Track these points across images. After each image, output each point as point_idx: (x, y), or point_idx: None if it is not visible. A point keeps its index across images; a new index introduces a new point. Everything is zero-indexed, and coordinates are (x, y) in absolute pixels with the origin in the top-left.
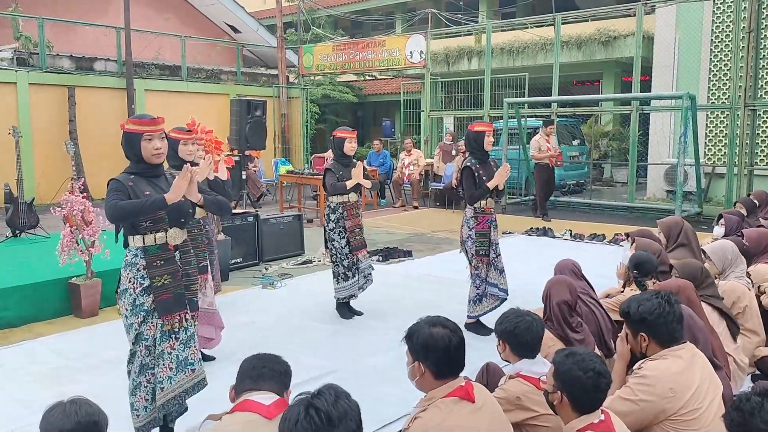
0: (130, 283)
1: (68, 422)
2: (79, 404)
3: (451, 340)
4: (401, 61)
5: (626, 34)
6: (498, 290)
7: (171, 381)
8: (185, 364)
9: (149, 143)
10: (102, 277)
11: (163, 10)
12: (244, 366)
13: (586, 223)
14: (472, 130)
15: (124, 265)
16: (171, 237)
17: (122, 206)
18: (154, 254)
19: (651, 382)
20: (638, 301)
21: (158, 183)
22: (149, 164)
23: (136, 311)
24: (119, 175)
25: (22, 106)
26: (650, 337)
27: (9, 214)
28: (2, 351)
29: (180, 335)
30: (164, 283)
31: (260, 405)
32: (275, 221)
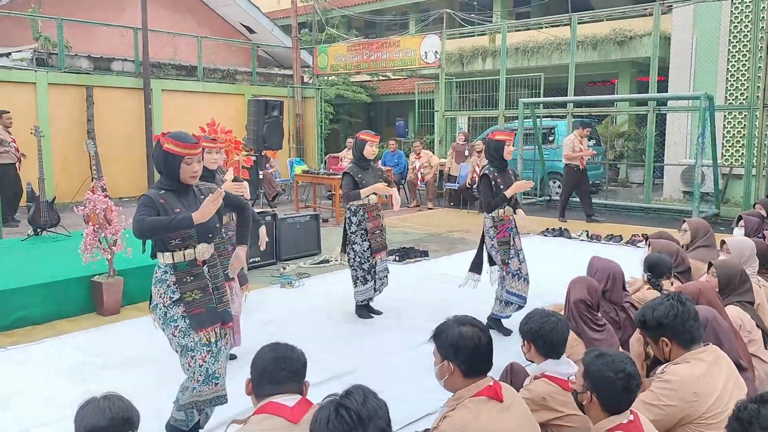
0: (160, 298)
1: (102, 418)
2: (112, 400)
3: (480, 338)
4: (416, 61)
5: (642, 35)
6: (517, 298)
7: (194, 390)
8: (212, 377)
9: (188, 166)
10: (124, 275)
11: (179, 11)
12: (261, 365)
13: (603, 224)
14: (493, 139)
15: (154, 281)
16: (199, 253)
17: (149, 222)
18: (184, 270)
19: (674, 386)
20: (651, 308)
21: (188, 199)
22: (183, 184)
23: (168, 323)
24: (150, 191)
25: (41, 106)
26: (671, 340)
27: (31, 213)
28: (27, 348)
29: (212, 348)
30: (195, 298)
31: (284, 407)
32: (292, 221)
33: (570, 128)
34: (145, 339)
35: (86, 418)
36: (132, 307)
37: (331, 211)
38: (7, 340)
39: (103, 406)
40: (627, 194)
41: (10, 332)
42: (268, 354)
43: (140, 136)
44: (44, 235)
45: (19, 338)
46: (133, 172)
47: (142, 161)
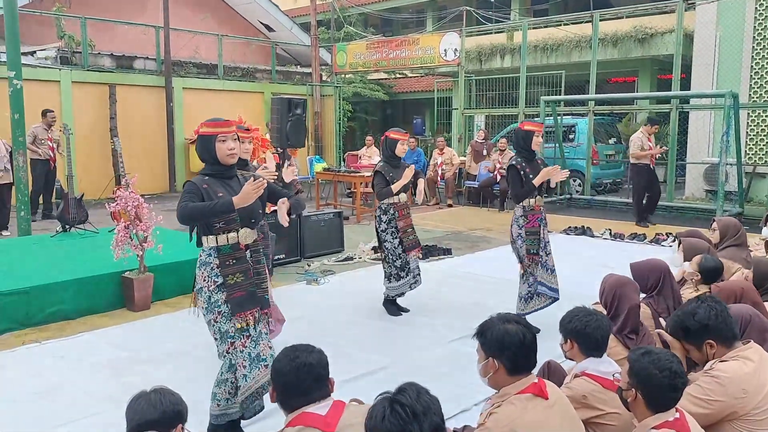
0: (204, 281)
1: (154, 412)
2: (163, 393)
3: (525, 335)
4: (435, 59)
5: (663, 32)
6: (548, 290)
7: (246, 378)
8: (258, 360)
9: (223, 144)
10: (154, 271)
11: (200, 10)
12: (283, 379)
13: (625, 223)
14: (522, 129)
15: (199, 264)
16: (242, 237)
17: (191, 208)
18: (227, 254)
19: (724, 382)
20: (690, 314)
21: (231, 184)
22: (223, 165)
23: (212, 308)
24: (195, 178)
25: (66, 104)
26: (716, 340)
27: (59, 210)
28: (62, 342)
29: (251, 332)
30: (237, 281)
31: (318, 417)
32: (316, 218)
33: (591, 126)
34: (177, 334)
35: (138, 411)
36: (162, 303)
37: (351, 209)
38: (42, 335)
39: (154, 400)
40: None
41: (45, 327)
42: (288, 366)
43: (162, 134)
44: (72, 231)
45: (54, 333)
46: (154, 169)
47: (163, 159)
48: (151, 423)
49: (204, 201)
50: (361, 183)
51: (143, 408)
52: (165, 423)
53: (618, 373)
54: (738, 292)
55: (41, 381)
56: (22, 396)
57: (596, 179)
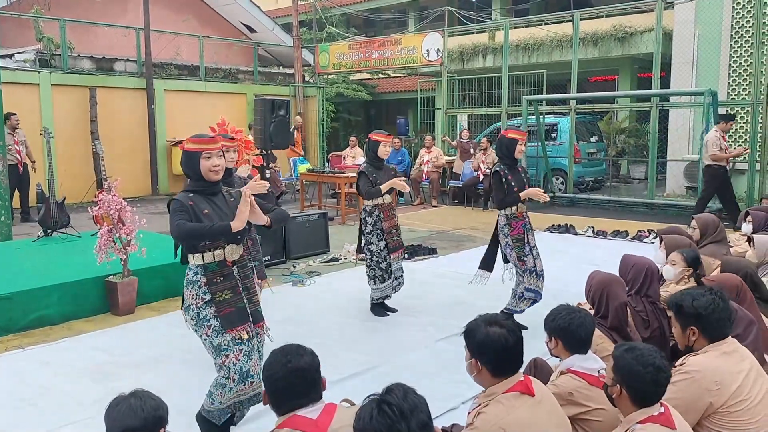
0: (192, 299)
1: (135, 419)
2: (143, 399)
3: (507, 339)
4: (418, 59)
5: (642, 31)
6: (532, 293)
7: (231, 391)
8: (246, 376)
9: (208, 161)
10: (138, 275)
11: (181, 11)
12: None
13: (607, 220)
14: (506, 137)
15: (186, 283)
16: (229, 253)
17: (189, 228)
18: (214, 271)
19: (695, 377)
20: (692, 296)
21: (216, 201)
22: (208, 182)
23: (201, 323)
24: (179, 195)
25: (45, 107)
26: (701, 332)
27: (41, 214)
28: (46, 348)
29: (244, 346)
30: (225, 298)
31: (308, 421)
32: (301, 219)
33: (573, 125)
34: (163, 338)
35: (119, 419)
36: (146, 306)
37: (336, 210)
38: (25, 341)
39: (135, 406)
40: (629, 190)
41: (29, 333)
42: (280, 371)
43: (143, 136)
44: (54, 236)
45: (38, 338)
46: (136, 172)
47: (145, 161)
48: (133, 430)
49: (191, 218)
50: (345, 183)
51: (124, 415)
52: (147, 430)
53: (603, 369)
54: (738, 285)
55: (26, 387)
56: (6, 402)
57: (578, 177)
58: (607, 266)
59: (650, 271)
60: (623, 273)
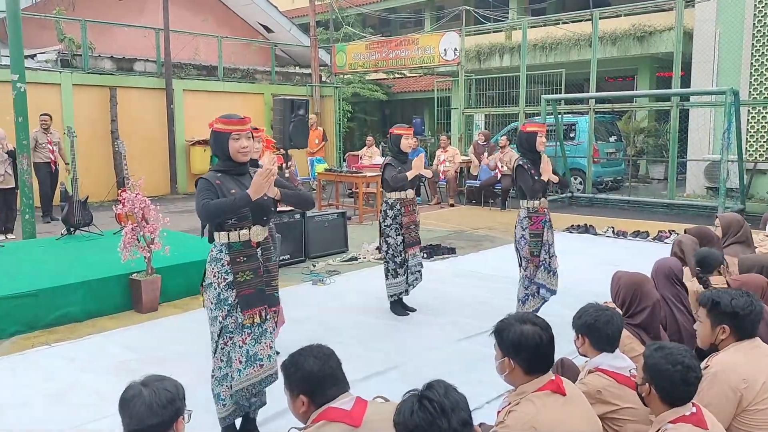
0: (215, 277)
1: (152, 416)
2: (158, 392)
3: (542, 337)
4: (435, 59)
5: (662, 30)
6: (545, 291)
7: (240, 374)
8: (254, 359)
9: (236, 142)
10: (161, 273)
11: (199, 12)
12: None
13: (627, 220)
14: (524, 131)
15: (209, 260)
16: (254, 234)
17: (212, 206)
18: (238, 251)
19: (722, 376)
20: (731, 296)
21: (243, 181)
22: (235, 162)
23: (221, 305)
24: (207, 174)
25: (66, 107)
26: (732, 331)
27: (64, 212)
28: (72, 345)
29: (254, 330)
30: (246, 279)
31: (343, 412)
32: (320, 219)
33: (591, 124)
34: (186, 335)
35: (135, 417)
36: (169, 304)
37: (353, 210)
38: (51, 338)
39: (149, 401)
40: (648, 190)
41: (54, 329)
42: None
43: (162, 136)
44: (77, 234)
45: (63, 335)
46: (155, 171)
47: (164, 160)
48: (151, 428)
49: (219, 197)
50: (363, 183)
51: (139, 412)
52: (164, 425)
53: (633, 369)
54: (763, 286)
55: (53, 383)
56: (33, 399)
57: (597, 177)
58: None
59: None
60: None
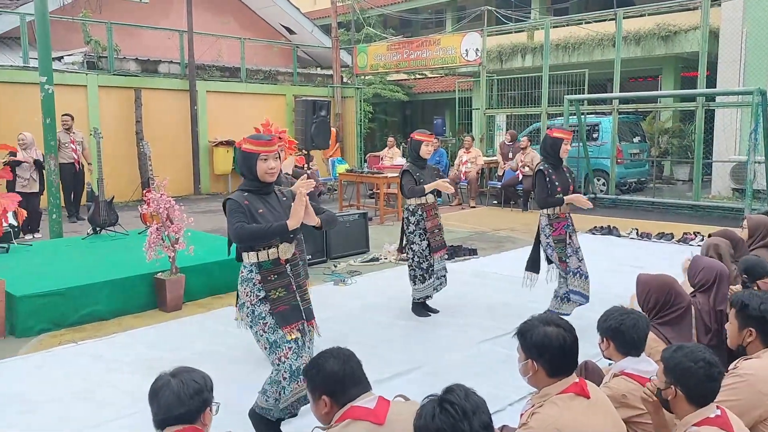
0: (247, 296)
1: (180, 406)
2: (186, 383)
3: (565, 339)
4: (456, 59)
5: (687, 29)
6: (579, 297)
7: (285, 391)
8: (297, 374)
9: (264, 163)
10: (185, 272)
11: (222, 14)
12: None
13: (651, 222)
14: (550, 136)
15: (240, 280)
16: (282, 251)
17: (248, 230)
18: (268, 269)
19: (749, 380)
20: (760, 299)
21: (269, 200)
22: (262, 182)
23: (256, 320)
24: (234, 194)
25: (92, 108)
26: (759, 335)
27: (90, 212)
28: (98, 343)
29: (294, 344)
30: (280, 296)
31: (367, 410)
32: (342, 219)
33: (615, 125)
34: (210, 334)
35: (163, 406)
36: (193, 303)
37: (374, 210)
38: (77, 336)
39: (178, 391)
40: (672, 192)
41: (80, 327)
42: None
43: (186, 137)
44: (103, 233)
45: (89, 333)
46: (179, 172)
47: (188, 161)
48: (178, 417)
49: (247, 217)
50: (384, 184)
51: (168, 402)
52: (191, 414)
53: (649, 373)
54: None
55: (79, 381)
56: (61, 395)
57: (621, 178)
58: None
59: (720, 275)
60: (691, 273)
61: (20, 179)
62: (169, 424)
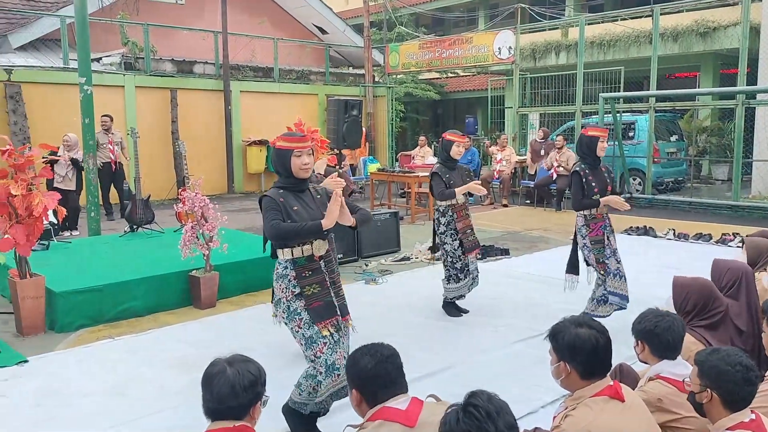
0: (282, 293)
1: (233, 398)
2: (242, 373)
3: (598, 341)
4: (489, 58)
5: (726, 25)
6: (618, 298)
7: (321, 385)
8: (333, 369)
9: (298, 159)
10: (219, 270)
11: (256, 14)
12: (363, 375)
13: (688, 222)
14: (586, 134)
15: (276, 277)
16: (316, 248)
17: (283, 228)
18: (302, 266)
19: None
20: None
21: (304, 198)
22: (297, 179)
23: (292, 316)
24: (270, 191)
25: (129, 109)
26: None
27: (128, 210)
28: (134, 338)
29: (329, 340)
30: (314, 292)
31: (398, 411)
32: (373, 218)
33: (652, 123)
34: (243, 331)
35: (216, 393)
36: (226, 301)
37: (405, 209)
38: (114, 331)
39: (233, 381)
40: (710, 191)
41: (117, 323)
42: (370, 362)
43: (220, 136)
44: (140, 231)
45: (126, 329)
46: (213, 171)
47: (222, 161)
48: (230, 409)
49: (282, 215)
50: (415, 183)
51: (221, 390)
52: (243, 408)
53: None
54: None
55: (116, 376)
56: (98, 390)
57: (657, 178)
58: (692, 270)
59: (746, 276)
60: (716, 277)
61: (57, 176)
62: (220, 416)
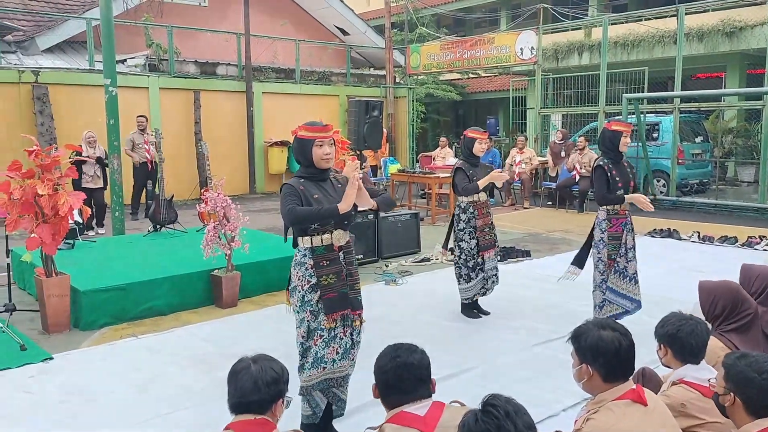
0: (299, 281)
1: (255, 393)
2: (265, 370)
3: (621, 343)
4: (511, 58)
5: (753, 25)
6: (627, 301)
7: (334, 363)
8: (320, 362)
9: (320, 149)
10: (241, 270)
11: (278, 16)
12: (384, 376)
13: (713, 225)
14: (609, 129)
15: (294, 264)
16: (336, 238)
17: (299, 212)
18: (321, 254)
19: None
20: None
21: (325, 186)
22: (318, 168)
23: (305, 307)
24: (291, 180)
25: (154, 110)
26: None
27: (151, 210)
28: (157, 337)
29: (326, 333)
30: (330, 282)
31: (416, 417)
32: (393, 219)
33: (676, 124)
34: (264, 331)
35: (239, 388)
36: (248, 300)
37: (426, 210)
38: (137, 329)
39: (256, 376)
40: (736, 193)
41: (140, 322)
42: (389, 364)
43: (242, 137)
44: (163, 231)
45: (149, 328)
46: (235, 171)
47: (244, 161)
48: (252, 403)
49: (302, 202)
50: (436, 184)
51: (244, 385)
52: (264, 403)
53: (714, 378)
54: None
55: (138, 373)
56: (121, 387)
57: (682, 179)
58: (717, 273)
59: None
60: (746, 283)
61: (85, 176)
62: (243, 410)
